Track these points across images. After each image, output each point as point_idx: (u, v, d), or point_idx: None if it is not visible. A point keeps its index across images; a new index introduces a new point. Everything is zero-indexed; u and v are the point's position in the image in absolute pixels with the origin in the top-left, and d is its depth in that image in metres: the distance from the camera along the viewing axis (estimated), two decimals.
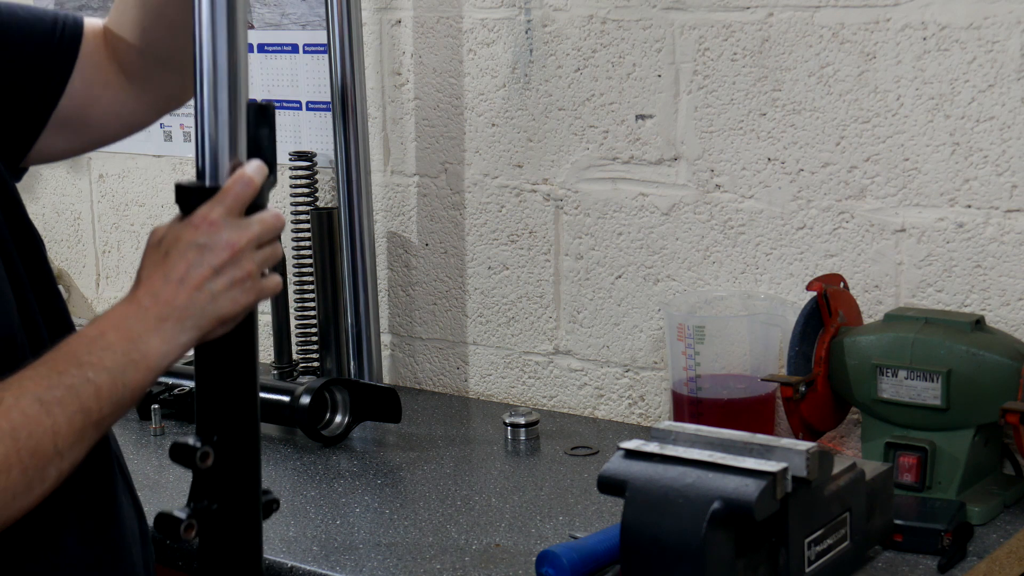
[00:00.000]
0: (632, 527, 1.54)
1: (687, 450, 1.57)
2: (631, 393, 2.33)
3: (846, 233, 2.10)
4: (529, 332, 2.43)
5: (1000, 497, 1.87)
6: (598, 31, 2.27)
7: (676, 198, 2.24)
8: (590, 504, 1.94)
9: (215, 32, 1.32)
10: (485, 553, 1.79)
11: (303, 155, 2.54)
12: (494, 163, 2.41)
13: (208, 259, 1.29)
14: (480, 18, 2.39)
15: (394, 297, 2.58)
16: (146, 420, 2.34)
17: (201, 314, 1.29)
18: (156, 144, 2.82)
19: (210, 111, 1.32)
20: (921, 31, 2.00)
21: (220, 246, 1.29)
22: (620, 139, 2.27)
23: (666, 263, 2.26)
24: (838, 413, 2.01)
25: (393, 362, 2.60)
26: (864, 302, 2.08)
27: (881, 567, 1.71)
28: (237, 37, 1.33)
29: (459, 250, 2.48)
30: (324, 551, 1.80)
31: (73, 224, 3.03)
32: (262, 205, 1.34)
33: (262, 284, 1.33)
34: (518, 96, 2.37)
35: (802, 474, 1.52)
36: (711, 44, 2.17)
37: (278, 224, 1.34)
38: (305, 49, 2.61)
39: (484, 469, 2.13)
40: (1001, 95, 1.95)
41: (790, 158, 2.13)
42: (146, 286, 1.30)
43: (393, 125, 2.52)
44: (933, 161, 2.02)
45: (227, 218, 1.30)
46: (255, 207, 1.33)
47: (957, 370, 1.85)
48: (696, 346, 2.09)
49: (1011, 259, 1.98)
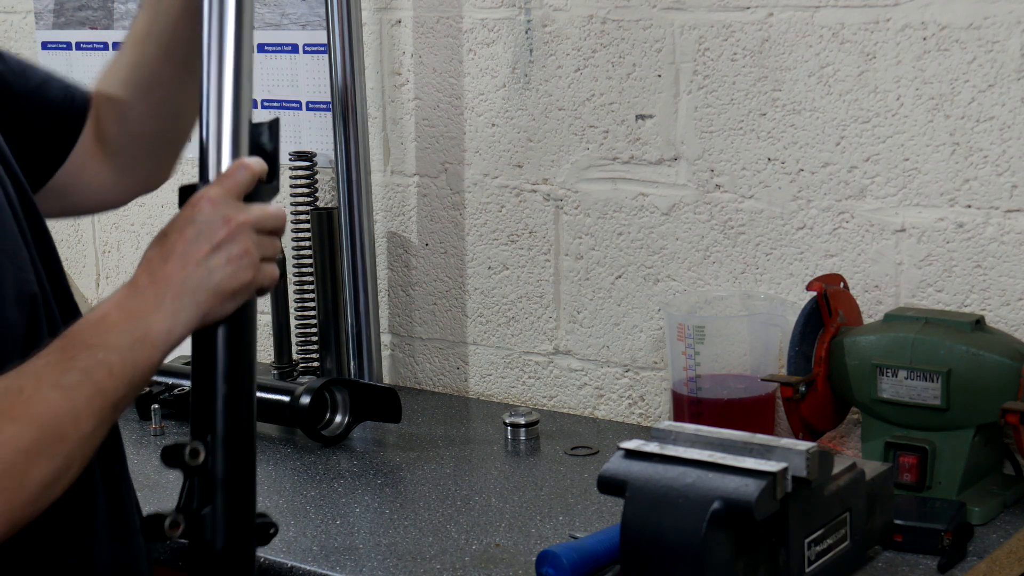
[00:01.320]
0: (632, 527, 1.54)
1: (687, 450, 1.57)
2: (631, 393, 2.33)
3: (846, 233, 2.10)
4: (529, 332, 2.43)
5: (1000, 497, 1.87)
6: (598, 31, 2.27)
7: (676, 198, 2.24)
8: (590, 504, 1.94)
9: (223, 36, 1.33)
10: (485, 553, 1.79)
11: (303, 155, 2.54)
12: (494, 163, 2.41)
13: (206, 235, 1.29)
14: (480, 18, 2.39)
15: (394, 297, 2.58)
16: (146, 420, 2.34)
17: (199, 288, 1.28)
18: None
19: (214, 115, 1.33)
20: (921, 31, 2.00)
21: (217, 223, 1.29)
22: (620, 139, 2.27)
23: (666, 263, 2.26)
24: (838, 413, 2.01)
25: (393, 362, 2.60)
26: (864, 302, 2.08)
27: (881, 567, 1.71)
28: (243, 42, 1.34)
29: (459, 250, 2.48)
30: (324, 551, 1.80)
31: (73, 224, 3.03)
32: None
33: (261, 266, 1.31)
34: (518, 96, 2.37)
35: (802, 474, 1.52)
36: (711, 44, 2.17)
37: (279, 215, 1.34)
38: (305, 49, 2.61)
39: (484, 469, 2.13)
40: (1001, 95, 1.95)
41: (790, 158, 2.13)
42: (144, 267, 1.30)
43: (393, 125, 2.52)
44: (933, 161, 2.02)
45: (226, 198, 1.30)
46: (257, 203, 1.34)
47: (957, 370, 1.85)
48: (696, 346, 2.09)
49: (1011, 259, 1.98)
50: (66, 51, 2.93)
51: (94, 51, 2.89)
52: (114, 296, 1.30)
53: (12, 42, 3.03)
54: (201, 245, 1.28)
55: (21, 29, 3.01)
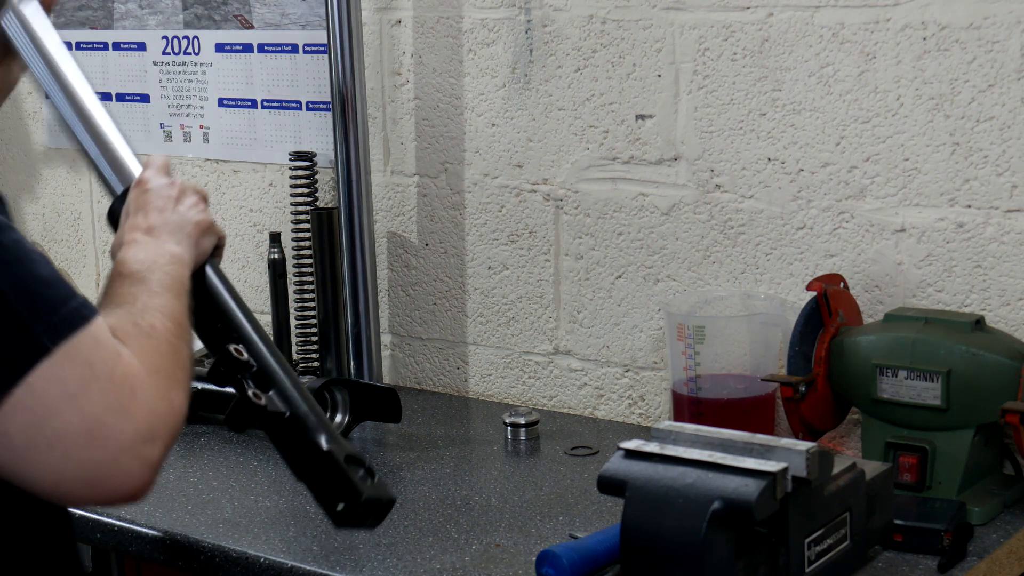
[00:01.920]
0: (632, 527, 1.54)
1: (687, 450, 1.57)
2: (631, 393, 2.33)
3: (846, 233, 2.10)
4: (529, 332, 2.43)
5: (1000, 497, 1.87)
6: (598, 31, 2.27)
7: (676, 198, 2.24)
8: (590, 504, 1.94)
9: (54, 91, 1.58)
10: (485, 553, 1.79)
11: (303, 155, 2.54)
12: (494, 163, 2.41)
13: (162, 193, 1.54)
14: (480, 18, 2.39)
15: (394, 297, 2.58)
16: None
17: (183, 224, 1.52)
18: (156, 144, 2.82)
19: (88, 145, 1.58)
20: (921, 31, 2.00)
21: (164, 185, 1.55)
22: (620, 139, 2.27)
23: (666, 263, 2.26)
24: (838, 413, 2.01)
25: (393, 362, 2.60)
26: (864, 302, 2.08)
27: (881, 567, 1.71)
28: (70, 89, 1.58)
29: (459, 250, 2.48)
30: (324, 551, 1.80)
31: (73, 224, 3.03)
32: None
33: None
34: (518, 96, 2.37)
35: (802, 474, 1.52)
36: (711, 44, 2.17)
37: (201, 189, 1.59)
38: (305, 49, 2.61)
39: (484, 469, 2.13)
40: (1001, 95, 1.95)
41: (790, 158, 2.13)
42: (131, 229, 1.51)
43: (393, 125, 2.52)
44: (933, 161, 2.02)
45: (159, 173, 1.56)
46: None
47: (957, 370, 1.85)
48: (696, 346, 2.09)
49: (1011, 259, 1.98)
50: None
51: (94, 51, 2.89)
52: (121, 254, 1.49)
53: None
54: (165, 200, 1.53)
55: None
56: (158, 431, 1.28)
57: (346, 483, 1.47)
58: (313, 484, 1.48)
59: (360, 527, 1.51)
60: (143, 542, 1.90)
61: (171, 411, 1.31)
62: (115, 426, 1.25)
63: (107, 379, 1.26)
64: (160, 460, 1.29)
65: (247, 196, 2.73)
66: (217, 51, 2.72)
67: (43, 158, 3.04)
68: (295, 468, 1.49)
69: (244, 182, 2.73)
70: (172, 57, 2.78)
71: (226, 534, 1.87)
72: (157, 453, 1.28)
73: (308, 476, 1.48)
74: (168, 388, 1.32)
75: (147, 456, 1.27)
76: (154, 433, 1.27)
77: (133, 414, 1.26)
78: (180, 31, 2.75)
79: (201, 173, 2.77)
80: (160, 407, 1.29)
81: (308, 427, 1.48)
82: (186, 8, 2.74)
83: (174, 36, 2.76)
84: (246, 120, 2.70)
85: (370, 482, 1.49)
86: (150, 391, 1.29)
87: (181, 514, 1.94)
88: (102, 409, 1.25)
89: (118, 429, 1.25)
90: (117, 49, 2.86)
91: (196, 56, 2.74)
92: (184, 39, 2.75)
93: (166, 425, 1.29)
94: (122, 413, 1.26)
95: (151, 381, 1.30)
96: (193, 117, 2.77)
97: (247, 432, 2.32)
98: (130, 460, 1.26)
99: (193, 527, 1.89)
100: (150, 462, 1.27)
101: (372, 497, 1.48)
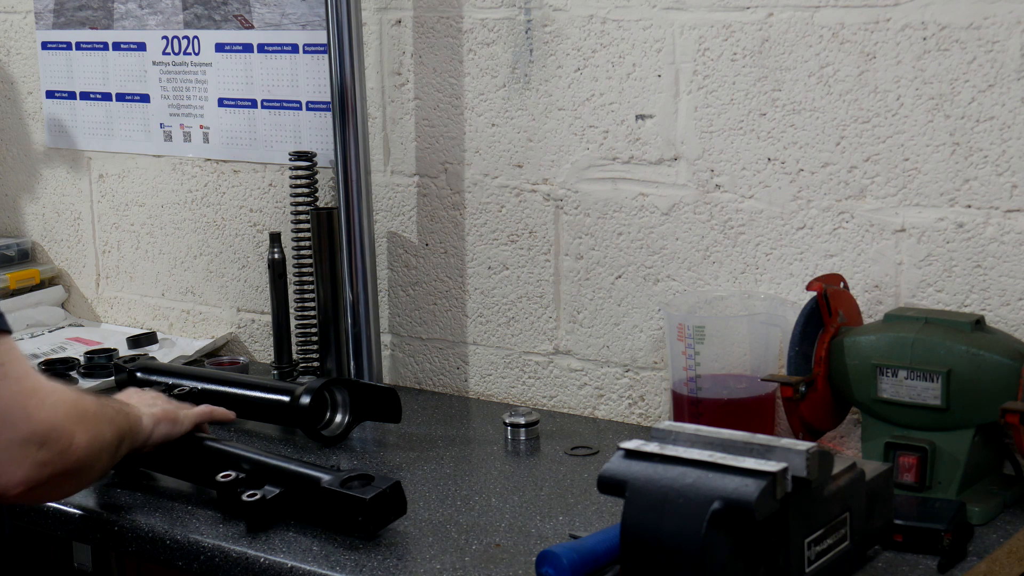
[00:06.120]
0: (632, 527, 1.54)
1: (687, 450, 1.57)
2: (631, 393, 2.33)
3: (846, 233, 2.10)
4: (529, 332, 2.43)
5: (1000, 497, 1.87)
6: (598, 31, 2.27)
7: (676, 198, 2.24)
8: (590, 504, 1.94)
9: None
10: (485, 553, 1.79)
11: (303, 155, 2.54)
12: (494, 163, 2.42)
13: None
14: (480, 18, 2.39)
15: (394, 297, 2.58)
16: None
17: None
18: (156, 144, 2.82)
19: None
20: (921, 31, 2.00)
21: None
22: (620, 139, 2.27)
23: (666, 263, 2.26)
24: (838, 413, 2.01)
25: (393, 362, 2.60)
26: (864, 302, 2.08)
27: (881, 567, 1.71)
28: None
29: (459, 250, 2.48)
30: (324, 551, 1.80)
31: (73, 224, 3.03)
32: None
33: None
34: (518, 96, 2.37)
35: (802, 474, 1.52)
36: (711, 44, 2.17)
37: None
38: (305, 49, 2.61)
39: (484, 469, 2.13)
40: (1001, 95, 1.95)
41: (790, 158, 2.13)
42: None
43: (393, 125, 2.52)
44: (933, 161, 2.02)
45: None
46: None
47: (957, 370, 1.85)
48: (696, 346, 2.09)
49: (1011, 259, 1.98)
50: (66, 51, 2.93)
51: (94, 51, 2.89)
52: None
53: (12, 42, 3.03)
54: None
55: (21, 29, 3.01)
56: (53, 442, 1.40)
57: (349, 499, 1.79)
58: (334, 520, 1.82)
59: (392, 516, 1.82)
60: (143, 542, 1.90)
61: (70, 437, 1.44)
62: (13, 421, 1.37)
63: (16, 381, 1.39)
64: (47, 471, 1.41)
65: (247, 196, 2.73)
66: (217, 51, 2.72)
67: (43, 158, 3.04)
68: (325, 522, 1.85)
69: (244, 182, 2.73)
70: (172, 57, 2.78)
71: (226, 534, 1.87)
72: (46, 458, 1.38)
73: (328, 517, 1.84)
74: (78, 423, 1.45)
75: (36, 458, 1.38)
76: (48, 440, 1.40)
77: (34, 416, 1.40)
78: (180, 31, 2.75)
79: (201, 173, 2.77)
80: (63, 426, 1.42)
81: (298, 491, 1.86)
82: (186, 8, 2.74)
83: (174, 36, 2.76)
84: (246, 120, 2.70)
85: (368, 486, 1.78)
86: (60, 411, 1.43)
87: (181, 514, 1.94)
88: (6, 404, 1.38)
89: (15, 424, 1.38)
90: (117, 49, 2.86)
91: (196, 56, 2.75)
92: (184, 39, 2.75)
93: (60, 443, 1.42)
94: (23, 412, 1.39)
95: (65, 407, 1.44)
96: (193, 117, 2.77)
97: (247, 432, 2.33)
98: (19, 452, 1.36)
99: (193, 527, 1.89)
100: (37, 463, 1.37)
101: (375, 495, 1.79)
